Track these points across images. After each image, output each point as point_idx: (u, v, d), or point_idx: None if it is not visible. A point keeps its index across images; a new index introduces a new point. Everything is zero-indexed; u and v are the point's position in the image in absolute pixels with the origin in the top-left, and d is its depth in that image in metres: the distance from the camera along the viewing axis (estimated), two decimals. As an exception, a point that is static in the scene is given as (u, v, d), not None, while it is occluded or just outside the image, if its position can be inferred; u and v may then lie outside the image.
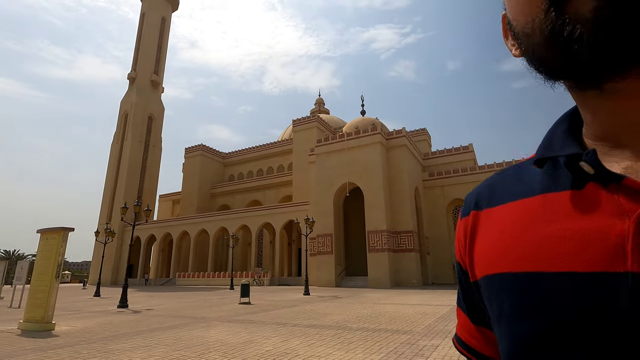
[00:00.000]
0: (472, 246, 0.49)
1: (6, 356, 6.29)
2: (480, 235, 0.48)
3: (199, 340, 7.48)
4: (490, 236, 0.46)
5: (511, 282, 0.40)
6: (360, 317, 10.80)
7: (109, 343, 7.30)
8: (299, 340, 7.25)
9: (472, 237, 0.49)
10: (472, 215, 0.51)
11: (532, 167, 0.45)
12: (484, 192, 0.51)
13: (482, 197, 0.51)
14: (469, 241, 0.50)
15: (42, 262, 9.82)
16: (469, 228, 0.50)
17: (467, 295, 0.53)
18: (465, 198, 0.55)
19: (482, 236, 0.47)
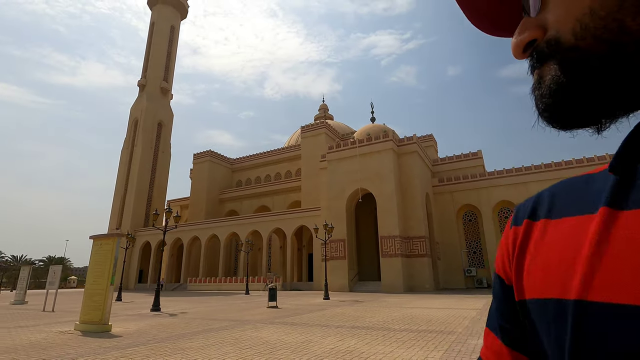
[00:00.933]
0: (521, 260, 0.43)
1: (89, 354, 6.81)
2: (534, 249, 0.42)
3: (258, 340, 7.99)
4: (547, 252, 0.39)
5: (579, 310, 0.33)
6: (396, 319, 11.29)
7: (176, 342, 7.82)
8: (355, 340, 7.76)
9: (521, 250, 0.44)
10: (525, 225, 0.45)
11: (604, 176, 0.40)
12: (543, 201, 0.45)
13: (540, 205, 0.45)
14: (518, 254, 0.44)
15: (97, 267, 10.37)
16: (519, 239, 0.45)
17: (504, 313, 0.46)
18: (518, 204, 0.50)
19: (537, 250, 0.41)
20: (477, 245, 36.88)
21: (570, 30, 0.33)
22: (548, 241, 0.40)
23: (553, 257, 0.38)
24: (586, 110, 0.34)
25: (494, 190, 36.25)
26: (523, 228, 0.44)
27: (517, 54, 0.38)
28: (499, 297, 0.47)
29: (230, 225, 46.31)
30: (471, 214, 37.95)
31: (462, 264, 36.30)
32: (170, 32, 68.93)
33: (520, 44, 0.38)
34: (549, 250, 0.39)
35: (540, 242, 0.41)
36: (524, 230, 0.44)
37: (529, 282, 0.40)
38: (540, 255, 0.40)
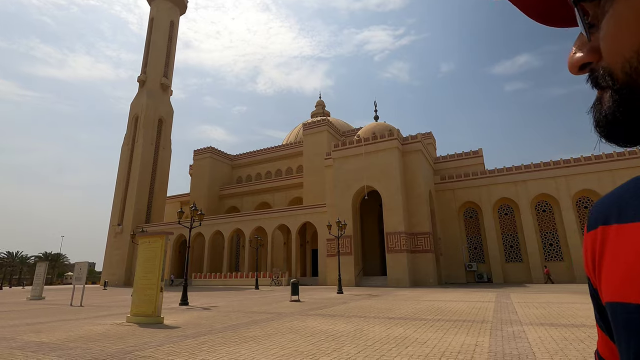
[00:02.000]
0: (600, 265, 0.44)
1: (165, 342, 7.47)
2: (609, 254, 0.43)
3: (312, 329, 8.72)
4: (619, 257, 0.40)
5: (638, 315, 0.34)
6: (423, 310, 12.12)
7: (237, 331, 8.52)
8: (401, 328, 8.55)
9: (600, 255, 0.44)
10: (601, 231, 0.45)
11: None
12: (612, 204, 0.45)
13: (611, 209, 0.45)
14: (598, 259, 0.45)
15: (146, 263, 10.97)
16: (597, 245, 0.45)
17: (602, 313, 0.47)
18: (591, 208, 0.50)
19: (611, 256, 0.42)
20: (477, 241, 38.05)
21: (620, 68, 0.36)
22: (621, 247, 0.40)
23: (626, 262, 0.38)
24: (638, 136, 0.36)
25: (494, 188, 37.37)
26: (599, 234, 0.45)
27: (573, 71, 0.40)
28: (595, 298, 0.48)
29: (235, 222, 46.84)
30: (472, 211, 39.07)
31: (463, 259, 37.46)
32: (170, 27, 68.58)
33: (576, 64, 0.40)
34: (623, 255, 0.40)
35: (614, 248, 0.42)
36: (601, 236, 0.45)
37: (606, 287, 0.42)
38: (615, 260, 0.41)
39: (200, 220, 18.34)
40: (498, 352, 5.96)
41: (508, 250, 36.52)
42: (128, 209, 56.20)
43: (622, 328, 0.37)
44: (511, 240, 36.64)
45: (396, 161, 34.06)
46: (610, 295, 0.40)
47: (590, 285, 0.49)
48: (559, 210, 34.37)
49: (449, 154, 43.43)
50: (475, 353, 5.91)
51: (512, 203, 37.02)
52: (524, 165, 36.52)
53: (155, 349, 6.73)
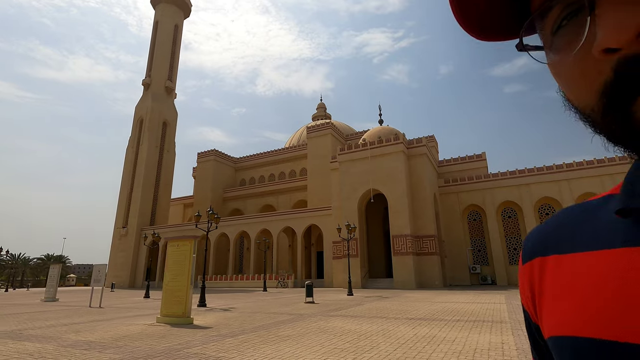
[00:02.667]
0: (540, 299, 0.43)
1: (205, 342, 7.91)
2: (549, 287, 0.41)
3: (340, 329, 9.17)
4: (560, 289, 0.39)
5: (589, 349, 0.33)
6: (439, 312, 12.57)
7: (270, 331, 8.96)
8: (425, 328, 9.00)
9: (540, 289, 0.43)
10: (538, 262, 0.44)
11: (606, 209, 0.39)
12: (549, 234, 0.44)
13: (548, 239, 0.44)
14: (537, 292, 0.43)
15: (175, 266, 11.41)
16: (535, 277, 0.44)
17: (539, 350, 0.47)
18: (526, 237, 0.49)
19: (551, 288, 0.41)
20: (481, 244, 38.54)
21: None
22: (563, 279, 0.40)
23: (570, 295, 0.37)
24: None
25: (497, 191, 37.90)
26: (537, 265, 0.44)
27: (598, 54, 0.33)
28: (531, 331, 0.48)
29: (240, 224, 47.26)
30: (476, 214, 39.57)
31: (467, 261, 37.93)
32: (174, 31, 69.17)
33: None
34: (566, 288, 0.39)
35: (554, 280, 0.41)
36: (538, 267, 0.44)
37: (547, 321, 0.41)
38: (557, 293, 0.40)
39: (216, 223, 18.74)
40: (526, 349, 6.42)
41: (512, 253, 37.00)
42: (133, 211, 56.56)
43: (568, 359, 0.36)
44: (515, 242, 37.13)
45: (402, 165, 34.57)
46: (554, 329, 0.39)
47: (528, 317, 0.47)
48: (562, 213, 34.89)
49: (452, 158, 44.00)
50: (504, 350, 6.37)
51: (515, 206, 37.54)
52: (527, 168, 37.06)
53: (202, 347, 7.17)
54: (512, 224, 37.66)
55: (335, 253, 37.44)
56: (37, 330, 9.98)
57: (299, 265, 42.04)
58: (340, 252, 36.48)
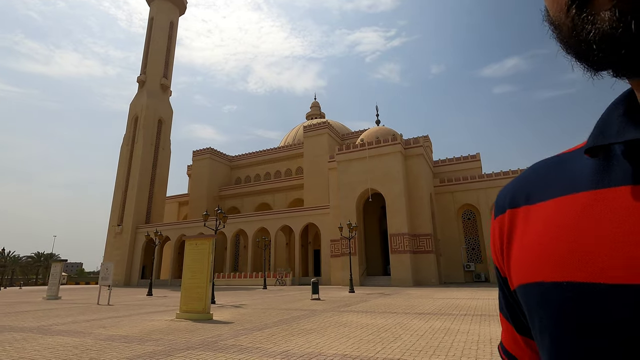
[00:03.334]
0: (509, 250, 0.44)
1: (234, 336, 8.37)
2: (518, 238, 0.42)
3: (358, 323, 9.71)
4: (528, 238, 0.40)
5: (555, 293, 0.34)
6: (445, 307, 13.22)
7: (291, 325, 9.45)
8: (438, 322, 9.61)
9: (509, 240, 0.44)
10: (508, 214, 0.45)
11: (579, 157, 0.40)
12: (520, 187, 0.45)
13: (518, 192, 0.45)
14: (506, 244, 0.44)
15: (194, 264, 11.82)
16: (505, 229, 0.45)
17: (509, 303, 0.48)
18: (498, 193, 0.50)
19: (520, 238, 0.42)
20: (475, 242, 39.54)
21: None
22: (530, 227, 0.40)
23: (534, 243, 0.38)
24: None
25: (491, 191, 38.90)
26: (507, 217, 0.45)
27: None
28: (501, 286, 0.49)
29: (238, 222, 47.49)
30: (470, 213, 40.56)
31: (461, 259, 38.89)
32: (170, 27, 68.75)
33: None
34: (531, 236, 0.39)
35: (523, 230, 0.41)
36: (508, 219, 0.45)
37: (515, 271, 0.41)
38: (523, 242, 0.40)
39: (224, 222, 19.10)
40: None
41: (504, 251, 38.07)
42: (128, 209, 56.28)
43: (537, 307, 0.36)
44: (507, 241, 38.21)
45: (399, 165, 35.29)
46: (522, 278, 0.40)
47: (499, 273, 0.48)
48: (553, 212, 36.09)
49: (447, 158, 44.95)
50: (517, 340, 6.98)
51: (508, 206, 38.59)
52: (520, 169, 38.09)
53: (235, 339, 7.64)
54: (505, 223, 38.73)
55: (333, 251, 38.03)
56: (62, 326, 10.30)
57: (297, 263, 42.52)
58: (338, 250, 37.09)
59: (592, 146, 0.35)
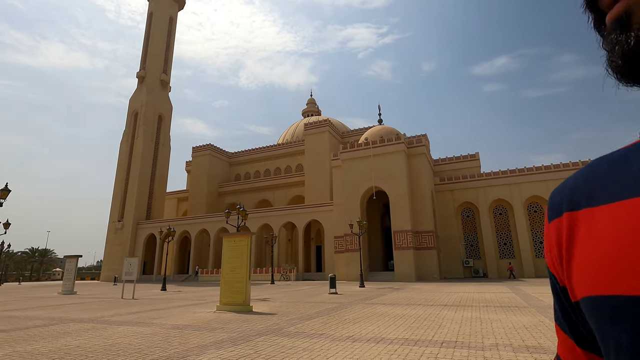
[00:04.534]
0: (570, 257, 0.39)
1: (289, 324, 9.17)
2: (581, 244, 0.38)
3: (395, 314, 10.61)
4: (594, 245, 0.35)
5: (633, 308, 0.30)
6: (462, 299, 14.21)
7: (333, 316, 10.30)
8: (467, 312, 10.56)
9: (569, 246, 0.39)
10: (567, 217, 0.41)
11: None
12: (579, 187, 0.41)
13: (577, 193, 0.40)
14: (566, 252, 0.40)
15: (233, 260, 12.56)
16: (563, 234, 0.40)
17: (567, 314, 0.43)
18: (552, 194, 0.46)
19: (584, 245, 0.37)
20: (474, 239, 40.92)
21: None
22: (596, 233, 0.36)
23: (605, 251, 0.34)
24: None
25: (490, 190, 40.25)
26: (565, 221, 0.41)
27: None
28: (558, 295, 0.44)
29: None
30: (469, 211, 41.89)
31: (460, 255, 40.24)
32: (169, 23, 68.45)
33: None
34: (600, 243, 0.35)
35: (587, 235, 0.37)
36: (567, 223, 0.41)
37: (579, 281, 0.37)
38: (590, 250, 0.36)
39: (245, 219, 19.81)
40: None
41: (502, 248, 39.53)
42: (129, 205, 56.37)
43: (611, 324, 0.32)
44: (505, 238, 39.67)
45: (403, 164, 36.31)
46: (589, 290, 0.35)
47: (555, 281, 0.44)
48: (549, 211, 37.55)
49: (447, 157, 46.19)
50: (544, 327, 7.95)
51: (506, 204, 40.01)
52: (518, 169, 39.53)
53: (294, 327, 8.45)
54: (503, 221, 40.16)
55: (337, 247, 38.98)
56: (116, 317, 10.98)
57: (300, 259, 43.38)
58: (342, 246, 38.06)
59: None
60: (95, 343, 7.08)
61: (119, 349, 6.48)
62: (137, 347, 6.66)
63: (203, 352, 6.12)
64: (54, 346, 6.88)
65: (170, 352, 6.19)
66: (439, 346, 6.18)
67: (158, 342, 7.02)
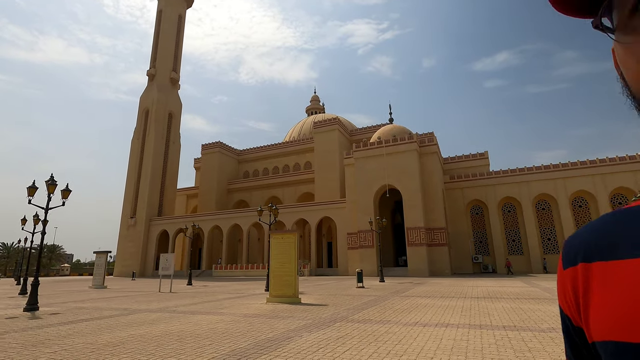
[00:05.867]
0: (587, 303, 0.44)
1: (353, 312, 10.13)
2: (598, 294, 0.42)
3: (437, 305, 11.57)
4: (615, 294, 0.39)
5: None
6: (489, 293, 15.20)
7: (381, 305, 11.26)
8: (504, 303, 11.53)
9: (586, 295, 0.44)
10: (581, 268, 0.45)
11: None
12: (594, 241, 0.45)
13: (593, 246, 0.45)
14: (583, 298, 0.44)
15: (281, 255, 13.52)
16: (579, 283, 0.45)
17: (580, 355, 0.47)
18: (566, 242, 0.50)
19: (602, 295, 0.41)
20: (483, 236, 41.97)
21: None
22: (614, 285, 0.40)
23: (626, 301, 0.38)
24: None
25: (499, 188, 41.24)
26: (580, 272, 0.45)
27: None
28: (569, 334, 0.49)
29: (254, 216, 48.99)
30: (478, 208, 42.90)
31: (470, 251, 41.31)
32: (178, 21, 68.97)
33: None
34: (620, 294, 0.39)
35: (604, 286, 0.41)
36: (582, 274, 0.45)
37: (598, 325, 0.41)
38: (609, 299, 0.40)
39: (275, 216, 20.74)
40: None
41: (511, 244, 40.60)
42: (141, 202, 57.28)
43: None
44: (514, 235, 40.72)
45: (415, 162, 37.24)
46: (605, 334, 0.39)
47: (569, 322, 0.48)
48: (557, 208, 38.58)
49: (457, 156, 47.17)
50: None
51: (514, 201, 41.02)
52: (527, 167, 40.50)
53: (359, 315, 9.42)
54: (512, 218, 41.19)
55: (350, 244, 39.98)
56: (181, 308, 11.94)
57: (313, 255, 44.40)
58: (355, 243, 39.06)
59: None
60: (193, 328, 8.03)
61: (223, 332, 7.43)
62: (234, 331, 7.61)
63: (299, 334, 7.08)
64: (160, 330, 7.83)
65: (270, 334, 7.14)
66: (502, 329, 7.15)
67: (247, 328, 7.97)
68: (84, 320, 9.52)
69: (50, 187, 12.70)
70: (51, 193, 12.80)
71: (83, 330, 8.04)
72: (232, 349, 5.94)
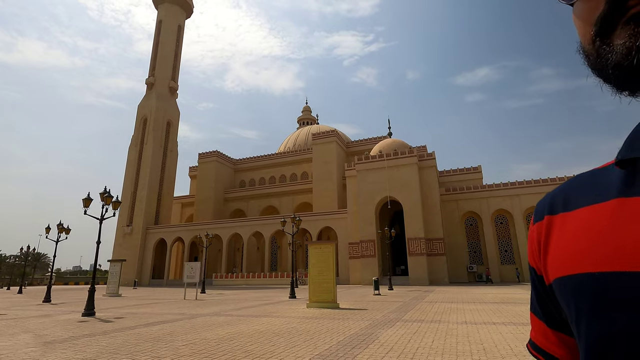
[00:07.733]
0: (546, 250, 0.51)
1: (400, 315, 11.39)
2: (555, 239, 0.49)
3: (464, 308, 12.94)
4: (564, 239, 0.47)
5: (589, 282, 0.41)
6: (501, 299, 16.71)
7: (416, 309, 12.57)
8: (525, 307, 13.02)
9: (546, 242, 0.51)
10: (546, 220, 0.52)
11: (611, 170, 0.47)
12: (557, 197, 0.53)
13: (556, 201, 0.52)
14: (544, 246, 0.51)
15: (319, 264, 14.71)
16: (542, 232, 0.52)
17: (542, 299, 0.54)
18: (537, 203, 0.57)
19: (557, 240, 0.49)
20: (477, 246, 43.99)
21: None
22: (566, 230, 0.48)
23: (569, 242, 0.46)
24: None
25: (492, 200, 43.49)
26: (544, 223, 0.52)
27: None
28: (535, 285, 0.55)
29: (254, 225, 49.72)
30: (472, 220, 45.00)
31: (465, 261, 43.19)
32: (177, 31, 69.80)
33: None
34: (567, 237, 0.47)
35: (559, 232, 0.49)
36: (546, 224, 0.52)
37: (552, 267, 0.49)
38: (560, 242, 0.48)
39: (297, 226, 21.85)
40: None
41: (503, 254, 42.72)
42: (138, 210, 57.05)
43: (572, 295, 0.44)
44: (506, 245, 42.89)
45: (415, 175, 39.09)
46: (558, 272, 0.47)
47: (534, 273, 0.55)
48: (546, 220, 41.01)
49: (452, 169, 49.44)
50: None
51: (507, 214, 43.31)
52: (518, 181, 42.98)
53: (407, 315, 10.69)
54: (504, 229, 43.42)
55: (352, 253, 41.23)
56: (236, 312, 12.92)
57: (314, 264, 45.32)
58: (357, 252, 40.36)
59: (621, 159, 0.43)
60: (271, 328, 9.12)
61: (304, 331, 8.57)
62: (312, 330, 8.76)
63: (376, 331, 8.30)
64: (247, 330, 8.90)
65: (351, 332, 8.34)
66: (543, 326, 8.56)
67: (319, 327, 9.13)
68: (161, 323, 10.44)
69: (107, 199, 13.55)
70: (107, 205, 13.63)
71: (177, 330, 9.02)
72: (337, 341, 7.13)
